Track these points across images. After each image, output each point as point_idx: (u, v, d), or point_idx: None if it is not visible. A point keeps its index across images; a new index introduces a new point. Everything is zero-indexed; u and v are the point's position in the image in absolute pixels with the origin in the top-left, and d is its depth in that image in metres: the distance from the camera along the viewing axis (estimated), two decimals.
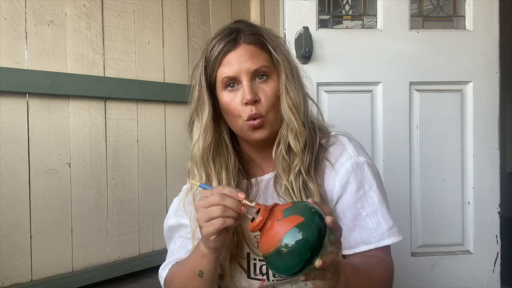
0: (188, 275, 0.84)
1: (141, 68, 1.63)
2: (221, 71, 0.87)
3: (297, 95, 0.87)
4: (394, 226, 0.89)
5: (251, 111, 0.84)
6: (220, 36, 0.88)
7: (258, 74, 0.86)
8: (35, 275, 1.33)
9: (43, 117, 1.37)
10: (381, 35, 1.65)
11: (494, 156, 1.68)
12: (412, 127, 1.67)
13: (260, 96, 0.85)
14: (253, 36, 0.87)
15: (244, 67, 0.85)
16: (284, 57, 0.89)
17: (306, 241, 0.60)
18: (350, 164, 0.89)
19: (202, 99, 0.88)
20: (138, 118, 1.62)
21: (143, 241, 1.62)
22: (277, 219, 0.64)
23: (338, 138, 0.93)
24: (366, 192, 0.89)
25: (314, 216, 0.63)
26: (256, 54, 0.86)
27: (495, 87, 1.68)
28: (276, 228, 0.63)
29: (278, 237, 0.62)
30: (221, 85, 0.87)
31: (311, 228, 0.61)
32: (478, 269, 1.68)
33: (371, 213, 0.88)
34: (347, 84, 1.64)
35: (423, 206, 1.67)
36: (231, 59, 0.86)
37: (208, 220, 0.72)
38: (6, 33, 1.29)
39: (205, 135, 0.88)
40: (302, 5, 1.61)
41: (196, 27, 1.84)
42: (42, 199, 1.36)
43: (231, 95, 0.87)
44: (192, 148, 0.90)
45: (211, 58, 0.88)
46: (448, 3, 1.78)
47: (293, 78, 0.89)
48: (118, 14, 1.57)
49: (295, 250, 0.60)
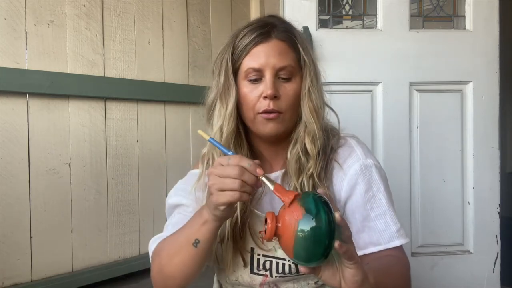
0: (180, 244, 0.81)
1: (141, 68, 1.63)
2: (247, 61, 0.86)
3: (319, 100, 0.88)
4: (402, 228, 0.89)
5: (268, 106, 0.84)
6: (252, 26, 0.88)
7: (283, 75, 0.86)
8: (35, 275, 1.33)
9: (43, 117, 1.37)
10: (381, 35, 1.65)
11: (494, 156, 1.68)
12: (412, 127, 1.67)
13: (281, 93, 0.85)
14: (285, 33, 0.87)
15: (271, 62, 0.84)
16: (311, 61, 0.89)
17: (319, 227, 0.61)
18: (358, 166, 0.89)
19: (228, 84, 0.87)
20: (138, 118, 1.62)
21: (143, 241, 1.62)
22: (287, 213, 0.65)
23: (346, 140, 0.93)
24: (375, 193, 0.88)
25: (321, 204, 0.64)
26: (285, 51, 0.86)
27: (495, 87, 1.68)
28: (289, 221, 0.64)
29: (293, 229, 0.62)
30: (244, 75, 0.87)
31: (321, 214, 0.62)
32: (478, 269, 1.68)
33: (380, 214, 0.88)
34: (347, 84, 1.64)
35: (423, 206, 1.67)
36: (259, 51, 0.85)
37: (221, 191, 0.70)
38: (6, 33, 1.29)
39: (229, 121, 0.86)
40: (302, 5, 1.61)
41: (196, 27, 1.84)
42: (42, 199, 1.36)
43: (251, 86, 0.86)
44: (214, 134, 0.88)
45: (240, 45, 0.87)
46: (448, 3, 1.78)
47: (317, 82, 0.89)
48: (118, 14, 1.57)
49: (312, 235, 0.61)
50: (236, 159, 0.71)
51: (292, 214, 0.64)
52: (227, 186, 0.70)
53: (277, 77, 0.86)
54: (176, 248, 0.82)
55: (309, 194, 0.66)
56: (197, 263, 0.81)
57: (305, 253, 0.62)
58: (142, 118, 1.64)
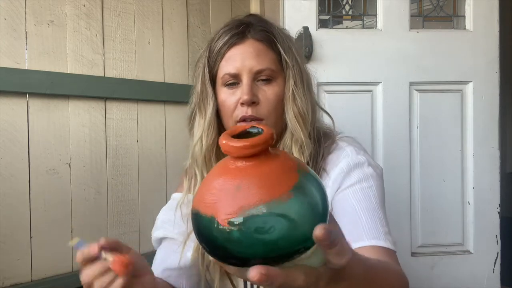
0: None
1: (141, 68, 1.63)
2: (223, 66, 0.80)
3: (304, 104, 0.80)
4: (391, 236, 0.78)
5: (246, 112, 0.78)
6: (227, 27, 0.82)
7: (262, 77, 0.79)
8: (35, 275, 1.33)
9: (43, 117, 1.37)
10: (381, 35, 1.65)
11: (494, 156, 1.68)
12: (412, 127, 1.67)
13: (260, 98, 0.79)
14: (263, 32, 0.81)
15: (247, 65, 0.78)
16: (295, 61, 0.82)
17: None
18: (345, 163, 0.82)
19: (205, 92, 0.82)
20: (138, 118, 1.62)
21: (143, 241, 1.62)
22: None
23: (337, 144, 0.86)
24: (364, 188, 0.80)
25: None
26: (263, 52, 0.79)
27: (495, 87, 1.68)
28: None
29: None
30: (221, 81, 0.81)
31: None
32: (478, 269, 1.68)
33: (367, 211, 0.78)
34: (347, 84, 1.64)
35: (423, 206, 1.67)
36: (234, 54, 0.79)
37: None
38: (6, 33, 1.29)
39: (209, 131, 0.81)
40: (302, 5, 1.61)
41: (196, 27, 1.84)
42: (42, 199, 1.36)
43: (229, 92, 0.80)
44: (194, 146, 0.83)
45: (215, 49, 0.81)
46: (448, 3, 1.78)
47: (302, 84, 0.82)
48: (118, 14, 1.56)
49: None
50: (78, 255, 0.54)
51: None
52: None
53: (255, 81, 0.79)
54: None
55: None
56: None
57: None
58: (142, 118, 1.63)
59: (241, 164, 0.39)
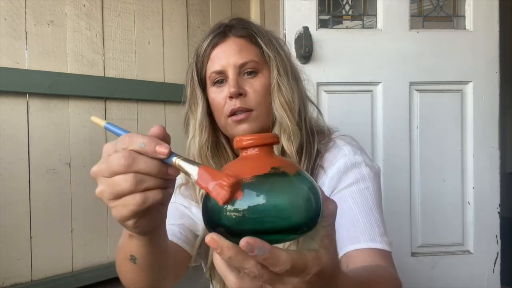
0: (121, 259, 0.64)
1: (141, 68, 1.63)
2: (209, 67, 0.84)
3: (290, 93, 0.83)
4: (387, 236, 0.79)
5: (234, 105, 0.80)
6: (210, 30, 0.87)
7: (247, 70, 0.83)
8: (35, 275, 1.33)
9: (43, 117, 1.37)
10: (381, 35, 1.65)
11: (494, 156, 1.68)
12: (412, 127, 1.67)
13: (247, 90, 0.82)
14: (243, 30, 0.85)
15: (231, 60, 0.82)
16: (277, 53, 0.85)
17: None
18: (343, 163, 0.83)
19: (195, 94, 0.86)
20: (138, 118, 1.62)
21: None
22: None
23: (335, 142, 0.88)
24: (361, 189, 0.81)
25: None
26: (245, 47, 0.83)
27: (495, 87, 1.68)
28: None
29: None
30: (210, 81, 0.85)
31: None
32: (478, 269, 1.68)
33: (364, 212, 0.79)
34: (347, 84, 1.64)
35: (423, 206, 1.67)
36: (218, 53, 0.83)
37: (116, 198, 0.47)
38: (6, 33, 1.29)
39: (200, 131, 0.84)
40: (302, 5, 1.61)
41: (196, 27, 1.84)
42: (42, 199, 1.36)
43: (217, 90, 0.84)
44: (189, 146, 0.86)
45: (201, 52, 0.85)
46: (448, 3, 1.78)
47: (286, 74, 0.84)
48: (118, 14, 1.57)
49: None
50: (125, 141, 0.47)
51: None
52: (119, 189, 0.45)
53: (241, 75, 0.83)
54: (119, 263, 0.67)
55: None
56: (145, 280, 0.65)
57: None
58: (142, 118, 1.64)
59: (245, 154, 0.47)
